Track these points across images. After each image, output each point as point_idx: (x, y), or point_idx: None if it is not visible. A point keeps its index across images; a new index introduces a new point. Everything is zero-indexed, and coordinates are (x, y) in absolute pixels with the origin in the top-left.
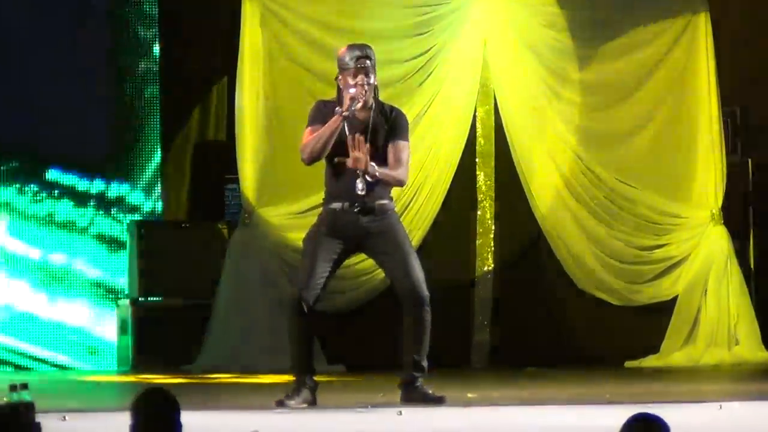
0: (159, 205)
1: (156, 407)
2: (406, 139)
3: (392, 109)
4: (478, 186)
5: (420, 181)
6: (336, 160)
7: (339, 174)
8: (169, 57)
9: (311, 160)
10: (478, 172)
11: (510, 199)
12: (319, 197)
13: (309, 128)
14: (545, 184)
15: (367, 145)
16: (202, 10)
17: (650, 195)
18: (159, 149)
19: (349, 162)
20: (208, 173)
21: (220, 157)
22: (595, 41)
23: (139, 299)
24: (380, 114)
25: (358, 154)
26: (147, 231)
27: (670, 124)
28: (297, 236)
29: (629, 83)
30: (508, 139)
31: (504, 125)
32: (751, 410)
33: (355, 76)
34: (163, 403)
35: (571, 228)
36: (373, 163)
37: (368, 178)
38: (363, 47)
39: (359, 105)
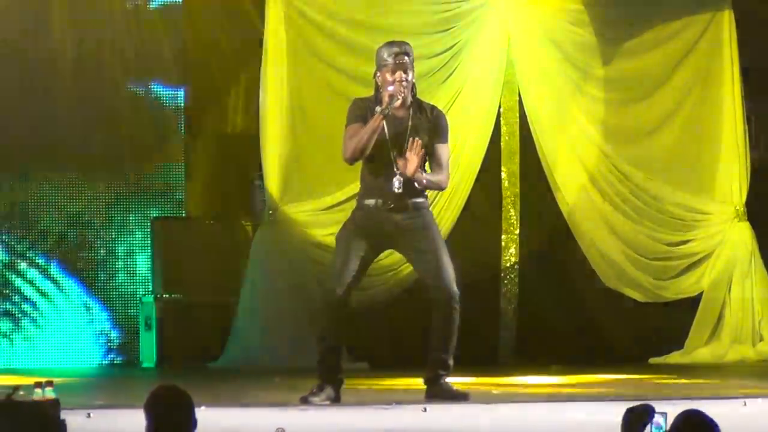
0: (183, 202)
1: (169, 404)
2: (446, 141)
3: (432, 108)
4: (502, 182)
5: None
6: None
7: (376, 171)
8: (194, 52)
9: (353, 160)
10: (502, 168)
11: (535, 195)
12: (342, 194)
13: (348, 128)
14: (570, 179)
15: (423, 150)
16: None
17: (675, 191)
18: (183, 145)
19: (401, 165)
20: (233, 169)
21: (246, 153)
22: (620, 38)
23: (164, 296)
24: (420, 112)
25: (413, 157)
26: (171, 228)
27: (694, 121)
28: (321, 233)
29: (653, 79)
30: (533, 135)
31: (529, 121)
32: None
33: (393, 73)
34: (176, 399)
35: (597, 223)
36: (421, 170)
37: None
38: (402, 44)
39: (398, 102)
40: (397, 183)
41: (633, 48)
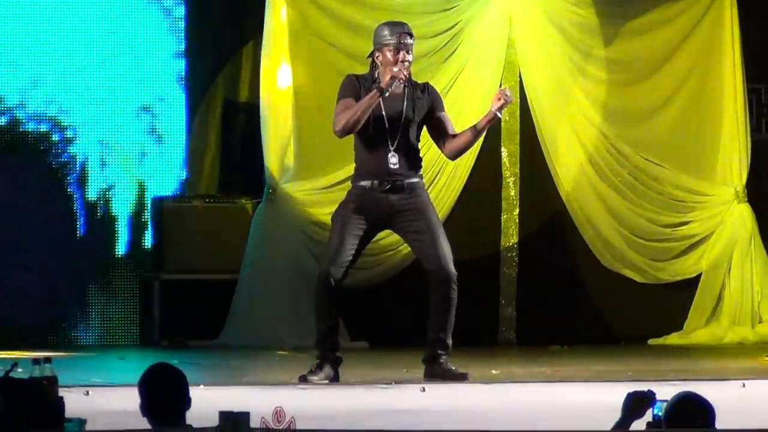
0: (184, 180)
1: (163, 382)
2: (444, 111)
3: (425, 84)
4: (502, 162)
5: (444, 158)
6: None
7: (371, 150)
8: (195, 28)
9: (344, 133)
10: (502, 149)
11: (535, 176)
12: (343, 173)
13: (341, 102)
14: (570, 160)
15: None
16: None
17: (674, 172)
18: (184, 124)
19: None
20: (234, 148)
21: (246, 131)
22: (621, 18)
23: (163, 275)
24: (414, 88)
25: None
26: (171, 206)
27: (695, 102)
28: (321, 212)
29: (654, 60)
30: (533, 116)
31: (529, 102)
32: None
33: (397, 52)
34: (170, 378)
35: (595, 205)
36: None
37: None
38: (404, 24)
39: (399, 83)
40: (393, 159)
41: (634, 28)
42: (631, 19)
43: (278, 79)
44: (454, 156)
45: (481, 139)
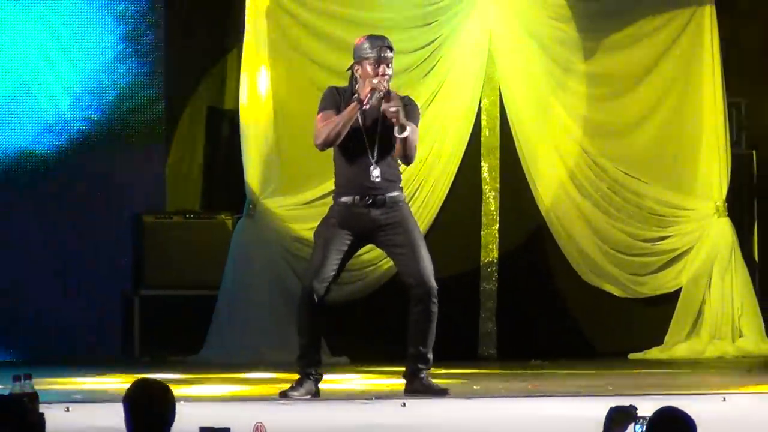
0: (164, 196)
1: (149, 398)
2: (416, 124)
3: (404, 97)
4: (482, 177)
5: (425, 172)
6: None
7: (351, 163)
8: (174, 41)
9: (325, 146)
10: (482, 164)
11: (515, 191)
12: (324, 188)
13: (321, 114)
14: (549, 175)
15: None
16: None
17: (654, 187)
18: (164, 138)
19: (386, 109)
20: (214, 164)
21: (227, 147)
22: (600, 32)
23: (144, 290)
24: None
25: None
26: (151, 222)
27: (675, 116)
28: (302, 227)
29: (634, 75)
30: (513, 131)
31: (509, 116)
32: (755, 403)
33: (377, 65)
34: (156, 393)
35: (575, 219)
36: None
37: (396, 133)
38: (384, 38)
39: (379, 96)
40: (375, 172)
41: (615, 43)
42: (611, 33)
43: (258, 93)
44: (402, 158)
45: (460, 154)
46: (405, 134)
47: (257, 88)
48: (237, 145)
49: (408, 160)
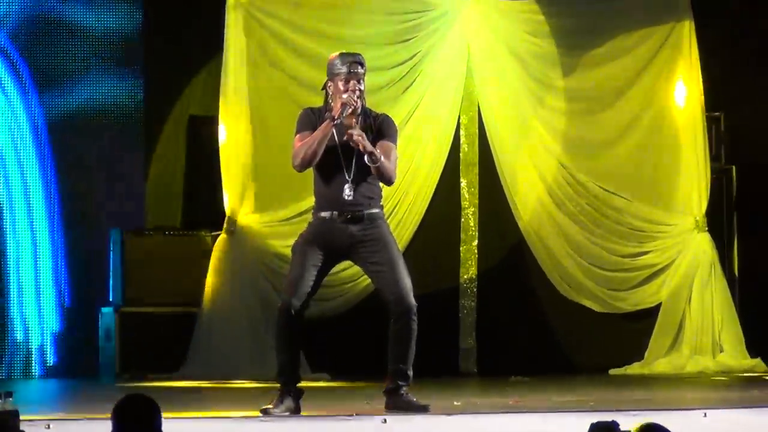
0: (143, 212)
1: (137, 414)
2: (394, 141)
3: (380, 114)
4: (461, 193)
5: (404, 188)
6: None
7: (327, 180)
8: (154, 60)
9: (303, 167)
10: (461, 180)
11: (493, 207)
12: (302, 205)
13: (298, 135)
14: (528, 191)
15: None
16: (186, 16)
17: (634, 202)
18: (144, 155)
19: (349, 135)
20: (193, 179)
21: (206, 163)
22: (579, 49)
23: (124, 307)
24: (368, 118)
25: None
26: (130, 238)
27: (654, 131)
28: (281, 243)
29: (613, 90)
30: (491, 147)
31: (487, 133)
32: (736, 418)
33: (347, 82)
34: (144, 409)
35: (554, 235)
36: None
37: (368, 162)
38: (356, 55)
39: (350, 111)
40: (347, 190)
41: (593, 59)
42: (590, 49)
43: (237, 109)
44: (379, 178)
45: (439, 170)
46: (376, 165)
47: (236, 104)
48: (217, 162)
49: (387, 182)
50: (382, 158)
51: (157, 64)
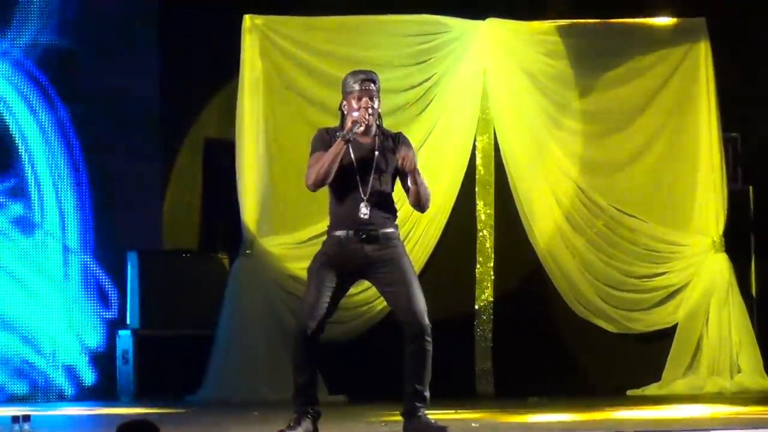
0: (161, 235)
1: None
2: (416, 155)
3: (397, 133)
4: (477, 215)
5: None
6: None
7: (343, 198)
8: (170, 83)
9: (316, 186)
10: (477, 201)
11: (509, 228)
12: (319, 227)
13: (313, 155)
14: (544, 212)
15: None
16: (203, 37)
17: (650, 223)
18: (161, 177)
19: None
20: (210, 202)
21: (224, 185)
22: (595, 70)
23: (141, 330)
24: (385, 138)
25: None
26: (148, 261)
27: (670, 152)
28: (298, 266)
29: (629, 111)
30: (507, 169)
31: (503, 154)
32: None
33: (359, 99)
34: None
35: (570, 256)
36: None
37: (411, 183)
38: (368, 72)
39: (362, 129)
40: (364, 209)
41: (609, 80)
42: (606, 70)
43: (253, 131)
44: (415, 204)
45: (455, 192)
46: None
47: (253, 127)
48: (234, 185)
49: (423, 207)
50: (421, 178)
51: (174, 88)
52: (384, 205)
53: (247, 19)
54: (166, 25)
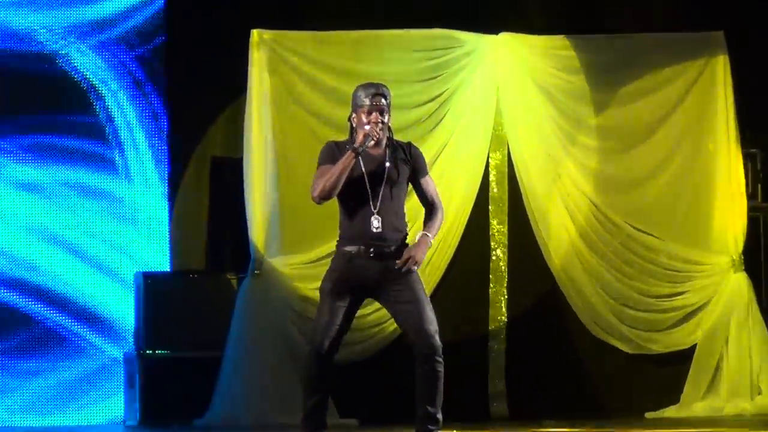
0: (167, 255)
1: None
2: (428, 172)
3: (408, 144)
4: (491, 234)
5: None
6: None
7: (354, 212)
8: (177, 96)
9: (321, 199)
10: (491, 220)
11: (523, 247)
12: (330, 246)
13: (320, 168)
14: (559, 230)
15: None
16: (210, 55)
17: (668, 242)
18: (167, 196)
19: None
20: (218, 222)
21: (231, 205)
22: (611, 85)
23: (147, 352)
24: (396, 149)
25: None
26: (154, 281)
27: (688, 169)
28: (308, 286)
29: (646, 126)
30: (521, 186)
31: (517, 172)
32: None
33: (369, 114)
34: None
35: (585, 276)
36: (426, 233)
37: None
38: (378, 86)
39: (372, 143)
40: (375, 222)
41: (626, 95)
42: (622, 85)
43: (261, 148)
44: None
45: (469, 210)
46: (430, 237)
47: (261, 144)
48: (242, 203)
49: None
50: (431, 232)
51: (180, 106)
52: (396, 218)
53: (255, 34)
54: (172, 42)
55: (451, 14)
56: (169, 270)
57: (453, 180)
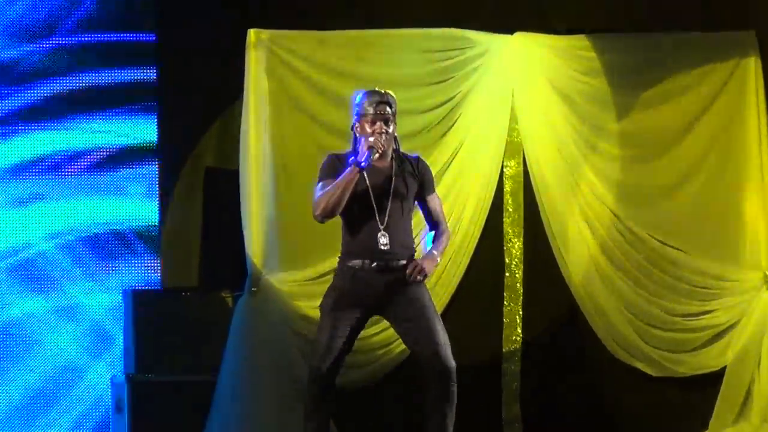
0: (158, 272)
1: None
2: (435, 189)
3: (416, 157)
4: (506, 248)
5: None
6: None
7: (358, 227)
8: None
9: (324, 217)
10: (506, 232)
11: (540, 262)
12: (332, 262)
13: (320, 183)
14: (578, 244)
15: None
16: (205, 56)
17: (695, 256)
18: (158, 212)
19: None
20: (212, 238)
21: (226, 219)
22: (634, 88)
23: (136, 376)
24: (403, 162)
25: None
26: (144, 301)
27: (717, 179)
28: (309, 304)
29: (672, 133)
30: (538, 197)
31: (533, 181)
32: None
33: (373, 123)
34: None
35: (606, 293)
36: (434, 251)
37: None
38: (383, 94)
39: (377, 155)
40: (383, 238)
41: (650, 99)
42: (646, 88)
43: (258, 156)
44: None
45: (482, 220)
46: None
47: (258, 153)
48: (237, 216)
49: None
50: (437, 252)
51: (172, 113)
52: (405, 234)
53: (252, 34)
54: (163, 43)
55: (462, 12)
56: (159, 288)
57: (465, 190)
